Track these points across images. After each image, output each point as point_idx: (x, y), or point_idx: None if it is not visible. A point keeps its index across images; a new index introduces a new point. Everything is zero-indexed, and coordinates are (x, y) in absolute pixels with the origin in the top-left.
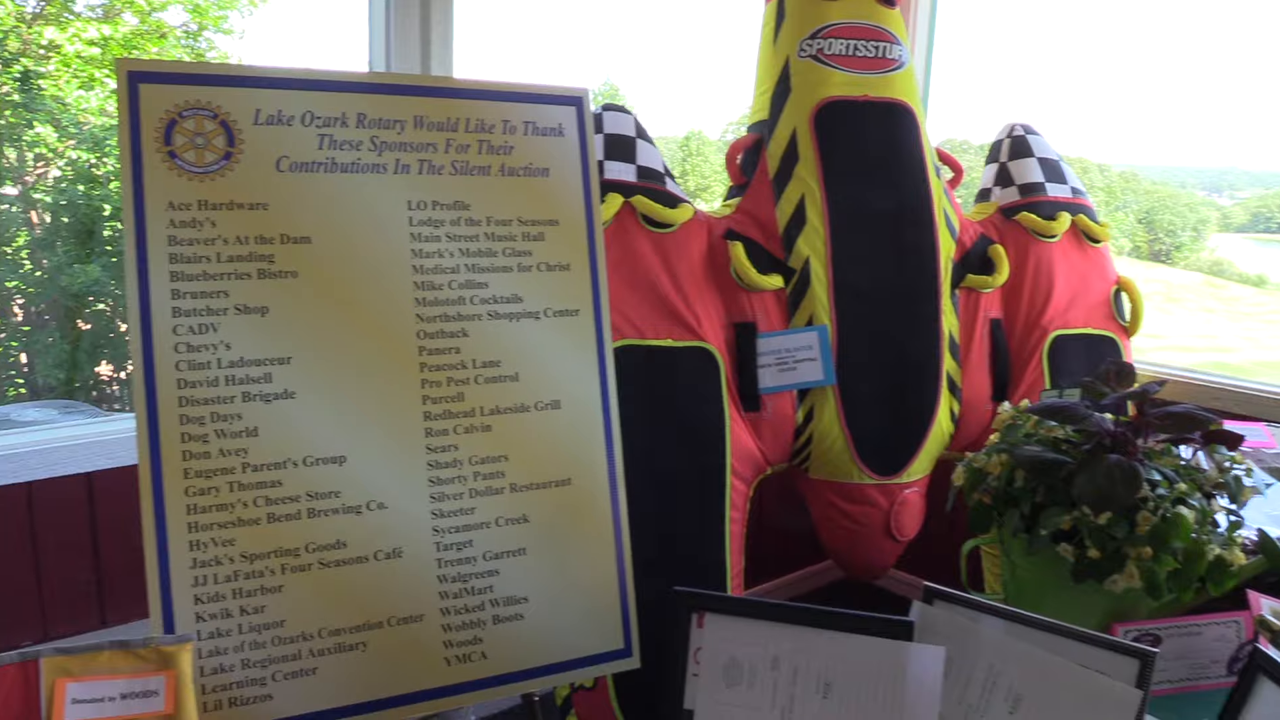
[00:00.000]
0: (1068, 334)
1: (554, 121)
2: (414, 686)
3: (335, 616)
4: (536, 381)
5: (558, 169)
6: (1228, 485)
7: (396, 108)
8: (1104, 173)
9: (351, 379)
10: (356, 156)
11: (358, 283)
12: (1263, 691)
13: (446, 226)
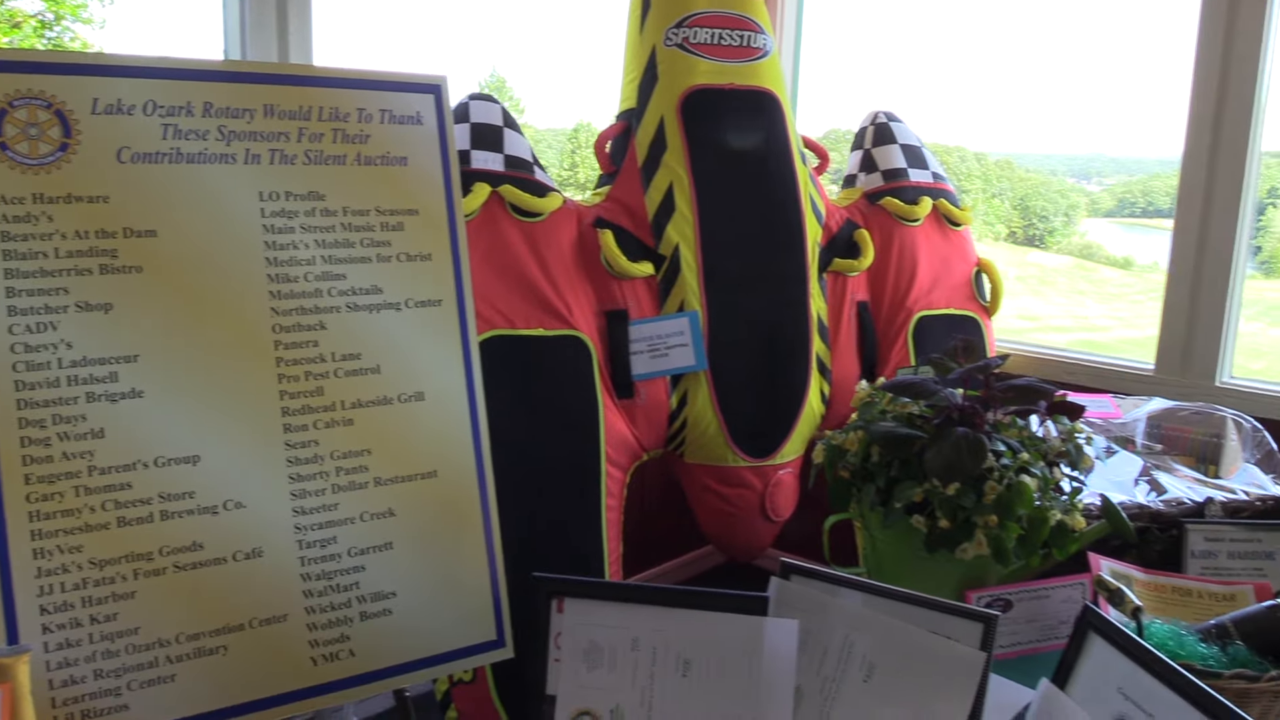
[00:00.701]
0: (931, 314)
1: (411, 110)
2: (279, 688)
3: (193, 620)
4: (399, 373)
5: (416, 158)
6: (1069, 454)
7: (244, 96)
8: (981, 161)
9: (203, 376)
10: (203, 146)
11: (208, 277)
12: (1093, 647)
13: (301, 217)
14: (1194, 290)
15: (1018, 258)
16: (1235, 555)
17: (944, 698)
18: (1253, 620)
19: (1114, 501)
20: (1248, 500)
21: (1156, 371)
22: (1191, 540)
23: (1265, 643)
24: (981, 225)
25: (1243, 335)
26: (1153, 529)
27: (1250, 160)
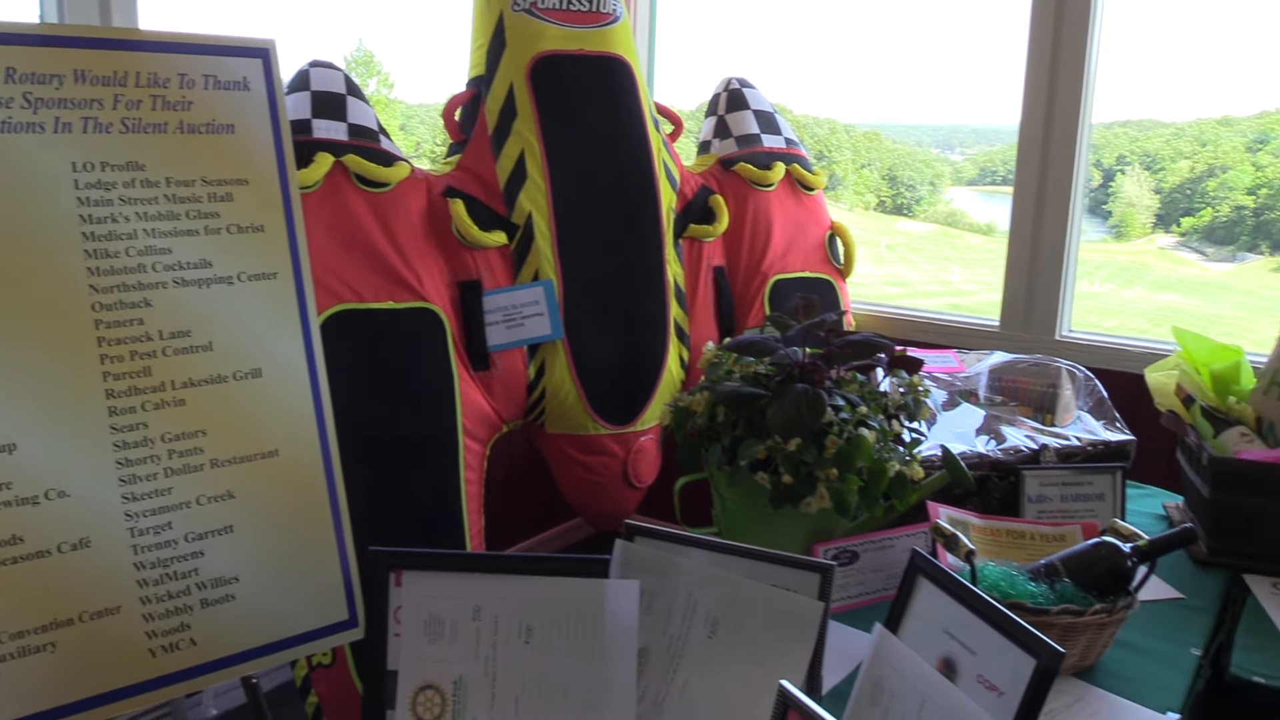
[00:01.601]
0: (787, 278)
1: (237, 75)
2: (116, 683)
3: (16, 618)
4: (233, 350)
5: (244, 125)
6: (907, 406)
7: (53, 61)
8: (850, 133)
9: (16, 360)
10: (7, 115)
11: (17, 254)
12: (921, 591)
13: (120, 189)
14: (1033, 251)
15: (887, 226)
16: (1068, 498)
17: (785, 647)
18: (1079, 558)
19: (954, 452)
20: (1080, 446)
21: (1002, 328)
22: (1027, 486)
23: (1091, 578)
24: (852, 195)
25: (1097, 295)
26: (992, 477)
27: (1081, 128)
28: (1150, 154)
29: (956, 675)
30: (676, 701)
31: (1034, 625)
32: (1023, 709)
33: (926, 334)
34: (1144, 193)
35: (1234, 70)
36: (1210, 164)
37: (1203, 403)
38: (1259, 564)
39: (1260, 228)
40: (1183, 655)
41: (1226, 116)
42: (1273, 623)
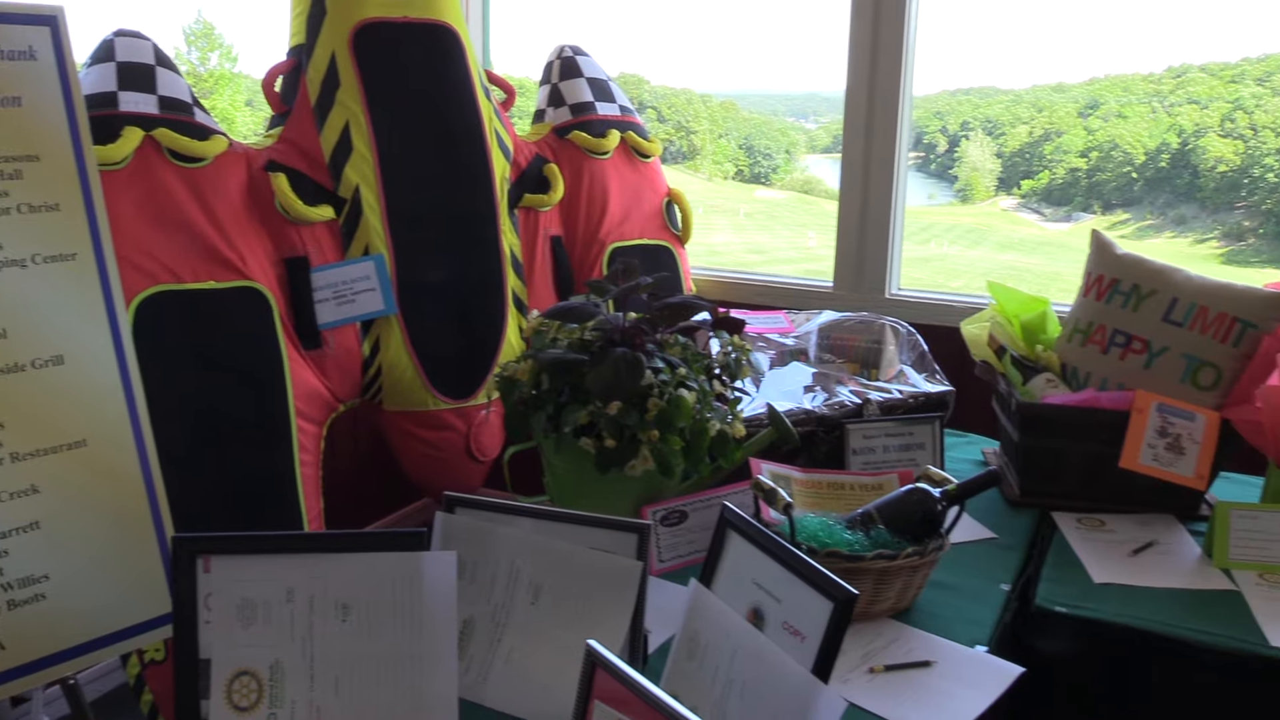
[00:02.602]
0: (625, 245)
1: (22, 44)
2: None
3: None
4: (30, 336)
5: (32, 97)
6: (729, 366)
7: None
8: (707, 103)
9: None
10: None
11: None
12: (732, 544)
13: None
14: (862, 214)
15: (746, 194)
16: (891, 449)
17: (607, 608)
18: (893, 505)
19: (782, 409)
20: (902, 398)
21: (835, 288)
22: (852, 439)
23: (905, 524)
24: (710, 165)
25: (945, 257)
26: (818, 432)
27: (903, 96)
28: (992, 120)
29: (764, 623)
30: (502, 670)
31: (850, 571)
32: (822, 649)
33: (764, 296)
34: (986, 157)
35: (1066, 39)
36: (1046, 129)
37: (1013, 352)
38: (1066, 501)
39: (1093, 188)
40: (993, 591)
41: (1060, 83)
42: (1076, 556)
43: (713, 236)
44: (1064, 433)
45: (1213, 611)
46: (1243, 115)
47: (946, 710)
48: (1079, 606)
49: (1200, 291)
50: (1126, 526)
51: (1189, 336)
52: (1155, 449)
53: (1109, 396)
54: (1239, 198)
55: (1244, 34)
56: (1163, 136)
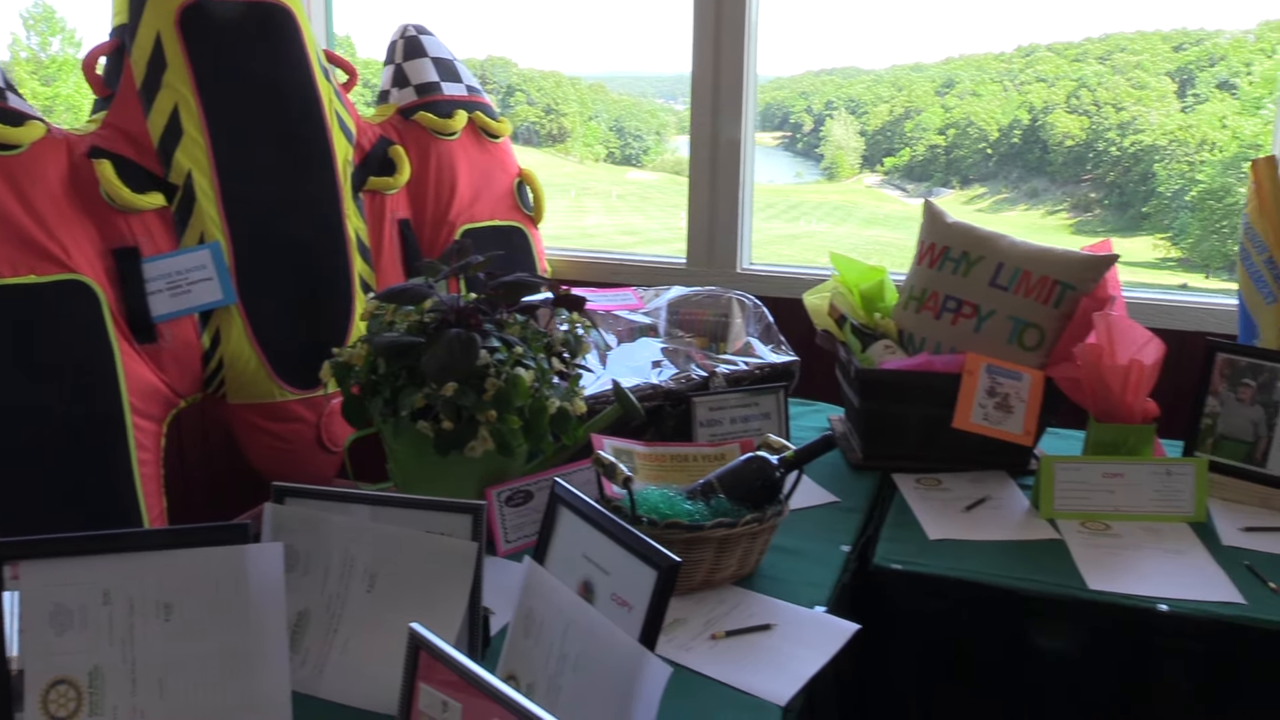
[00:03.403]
0: (476, 227)
1: None
2: None
3: None
4: None
5: None
6: (569, 344)
7: None
8: (576, 85)
9: None
10: None
11: None
12: (563, 519)
13: None
14: (712, 191)
15: (618, 176)
16: (737, 420)
17: (444, 591)
18: (732, 474)
19: (629, 385)
20: (748, 370)
21: (688, 264)
22: (698, 412)
23: (745, 492)
24: (581, 147)
25: (814, 234)
26: (665, 406)
27: (747, 75)
28: (854, 99)
29: (595, 596)
30: (338, 661)
31: (691, 541)
32: (648, 618)
33: (620, 275)
34: (850, 136)
35: (922, 20)
36: (906, 107)
37: (853, 320)
38: (906, 463)
39: (951, 164)
40: (833, 553)
41: (918, 63)
42: (914, 515)
43: (585, 219)
44: (901, 396)
45: (1038, 560)
46: (1086, 92)
47: (785, 670)
48: (914, 563)
49: (1024, 257)
50: (962, 484)
51: (1014, 300)
52: (985, 408)
53: (942, 360)
54: (1085, 171)
55: (1086, 15)
56: (1014, 113)
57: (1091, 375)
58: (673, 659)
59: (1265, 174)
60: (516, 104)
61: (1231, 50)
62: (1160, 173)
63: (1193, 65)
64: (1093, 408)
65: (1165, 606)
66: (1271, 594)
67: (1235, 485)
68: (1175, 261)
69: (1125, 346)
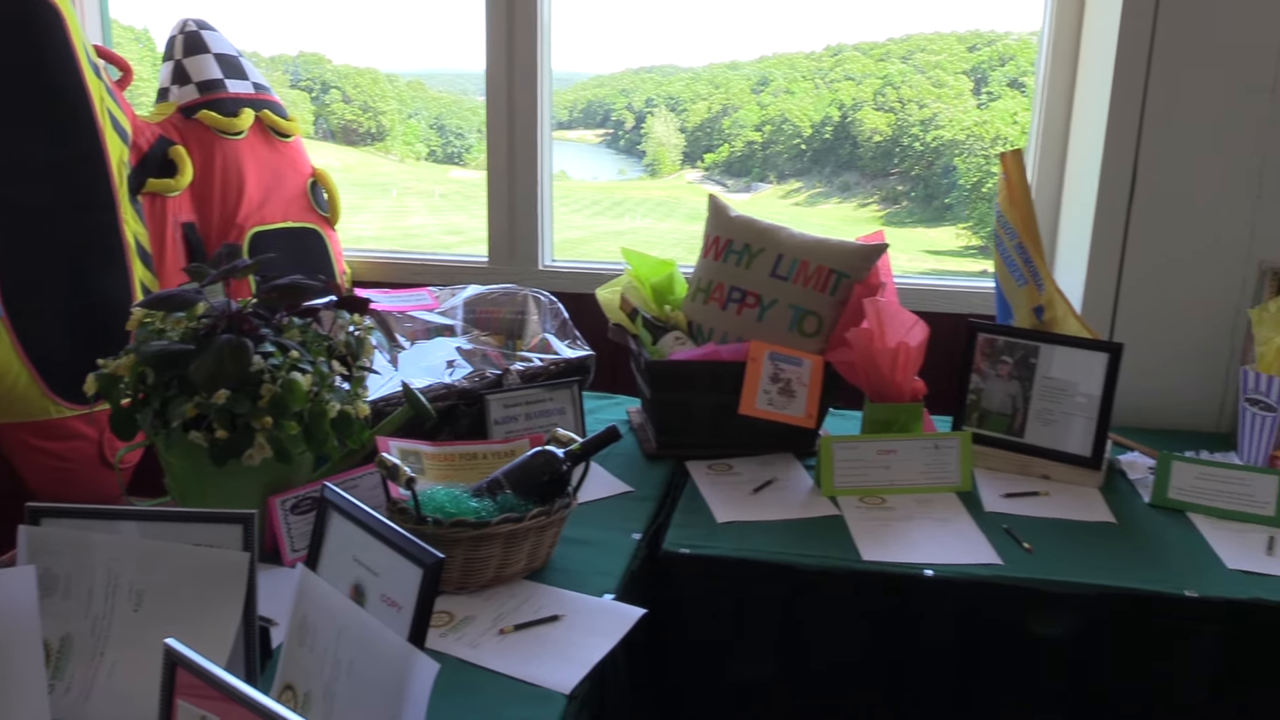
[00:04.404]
0: (267, 230)
1: None
2: None
3: None
4: None
5: None
6: (350, 346)
7: None
8: (394, 82)
9: None
10: None
11: None
12: (333, 523)
13: None
14: (510, 188)
15: (440, 175)
16: (533, 415)
17: (216, 605)
18: (519, 469)
19: (423, 385)
20: (543, 366)
21: (491, 263)
22: (492, 410)
23: (532, 486)
24: (401, 146)
25: (638, 230)
26: (460, 405)
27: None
28: (674, 97)
29: (366, 599)
30: (105, 685)
31: (478, 538)
32: (416, 616)
33: (422, 275)
34: (671, 133)
35: (737, 19)
36: (724, 104)
37: (645, 313)
38: (698, 450)
39: (768, 160)
40: (625, 541)
41: (734, 61)
42: (705, 500)
43: (409, 219)
44: (690, 386)
45: (817, 536)
46: (891, 90)
47: (571, 659)
48: (701, 546)
49: (801, 248)
50: (751, 468)
51: (794, 289)
52: (770, 394)
53: (727, 349)
54: (893, 165)
55: (888, 16)
56: (825, 111)
57: (864, 358)
58: (461, 656)
59: (1013, 166)
60: (331, 101)
61: (1019, 50)
62: (960, 166)
63: (985, 65)
64: (867, 389)
65: (930, 571)
66: (1025, 553)
67: (997, 455)
68: (976, 249)
69: (894, 330)
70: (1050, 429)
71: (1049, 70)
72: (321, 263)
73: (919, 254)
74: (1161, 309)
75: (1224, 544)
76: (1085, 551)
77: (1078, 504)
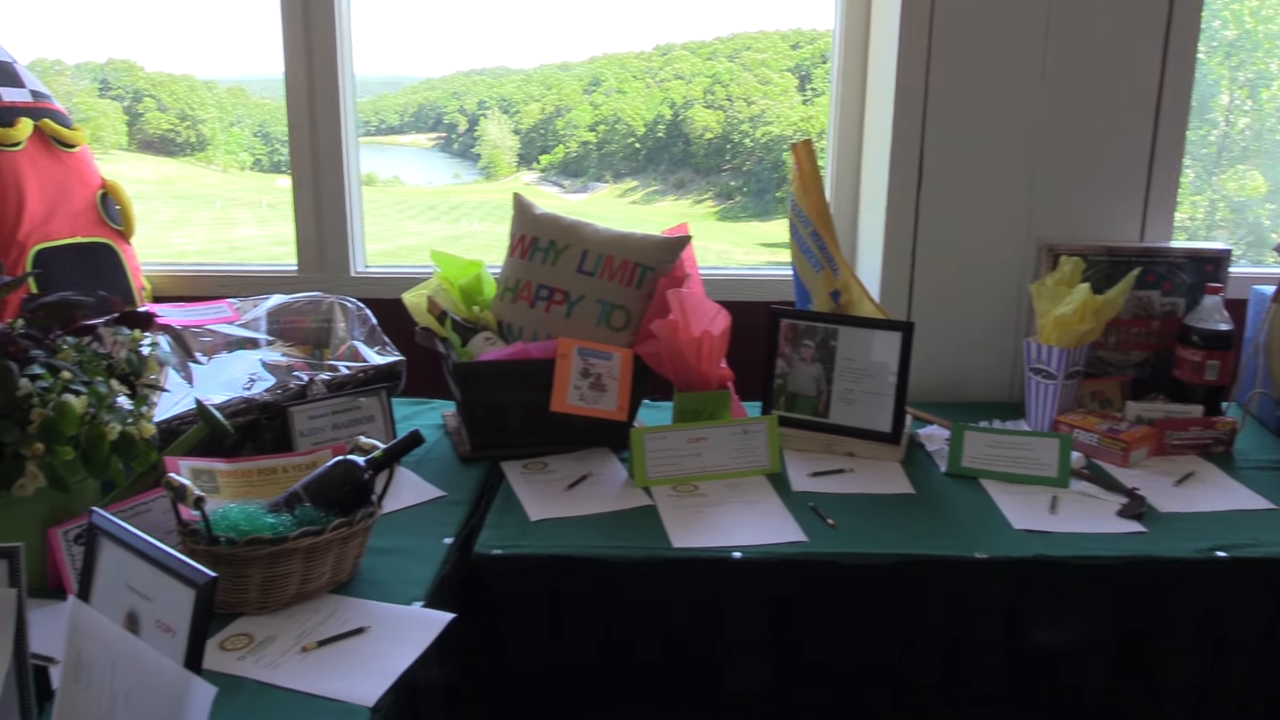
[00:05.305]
0: (52, 246)
1: None
2: None
3: None
4: None
5: None
6: (132, 364)
7: None
8: (212, 89)
9: None
10: None
11: None
12: (104, 550)
13: None
14: (316, 194)
15: (267, 185)
16: (340, 425)
17: None
18: (318, 481)
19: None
20: (350, 374)
21: (300, 271)
22: (296, 421)
23: (332, 498)
24: (224, 155)
25: (475, 234)
26: (262, 419)
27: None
28: (506, 98)
29: (140, 626)
30: None
31: (276, 554)
32: (191, 640)
33: (230, 287)
34: (505, 135)
35: (568, 20)
36: (557, 105)
37: (454, 315)
38: (512, 450)
39: (603, 160)
40: (436, 547)
41: (565, 62)
42: (519, 500)
43: (235, 231)
44: (501, 386)
45: (630, 528)
46: (720, 88)
47: (376, 671)
48: (514, 546)
49: (606, 243)
50: (566, 464)
51: (600, 284)
52: (581, 389)
53: (537, 346)
54: (725, 161)
55: (715, 16)
56: (658, 109)
57: (670, 349)
58: (259, 678)
59: (804, 156)
60: (146, 110)
61: None
62: (788, 160)
63: (808, 62)
64: (675, 379)
65: (739, 554)
66: (830, 529)
67: (805, 436)
68: None
69: (697, 320)
70: (852, 408)
71: (842, 65)
72: (115, 278)
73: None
74: (953, 288)
75: (1012, 506)
76: (885, 523)
77: (880, 478)
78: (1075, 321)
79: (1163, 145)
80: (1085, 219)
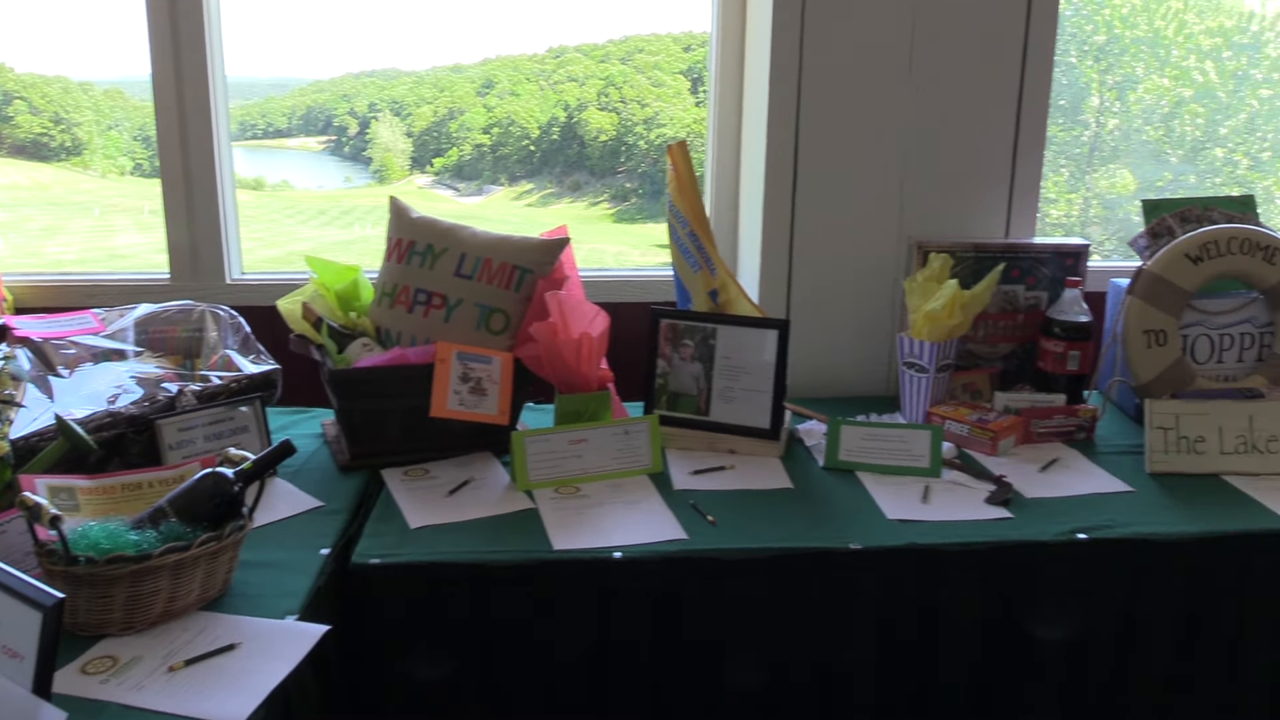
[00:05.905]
0: None
1: None
2: None
3: None
4: None
5: None
6: None
7: None
8: (88, 92)
9: None
10: None
11: None
12: None
13: None
14: (188, 200)
15: (149, 191)
16: (212, 437)
17: None
18: (185, 495)
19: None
20: (222, 384)
21: (173, 279)
22: (165, 434)
23: (200, 512)
24: (103, 160)
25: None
26: (128, 433)
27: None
28: (397, 101)
29: None
30: None
31: (140, 572)
32: (40, 664)
33: (98, 297)
34: (397, 137)
35: (460, 21)
36: (450, 108)
37: (330, 322)
38: (392, 458)
39: (498, 162)
40: (312, 558)
41: (457, 64)
42: (399, 508)
43: (115, 239)
44: (379, 392)
45: (511, 532)
46: (614, 91)
47: (246, 687)
48: (392, 554)
49: (484, 245)
50: (448, 470)
51: (479, 287)
52: (461, 394)
53: (415, 352)
54: (620, 164)
55: (607, 18)
56: (552, 112)
57: (549, 351)
58: (123, 701)
59: (679, 157)
60: (16, 113)
61: None
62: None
63: (700, 65)
64: (555, 381)
65: (619, 554)
66: (710, 526)
67: (687, 435)
68: None
69: (576, 321)
70: (732, 405)
71: (719, 69)
72: None
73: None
74: (829, 286)
75: (886, 497)
76: (764, 518)
77: (759, 474)
78: (945, 316)
79: (1024, 143)
80: (953, 216)
